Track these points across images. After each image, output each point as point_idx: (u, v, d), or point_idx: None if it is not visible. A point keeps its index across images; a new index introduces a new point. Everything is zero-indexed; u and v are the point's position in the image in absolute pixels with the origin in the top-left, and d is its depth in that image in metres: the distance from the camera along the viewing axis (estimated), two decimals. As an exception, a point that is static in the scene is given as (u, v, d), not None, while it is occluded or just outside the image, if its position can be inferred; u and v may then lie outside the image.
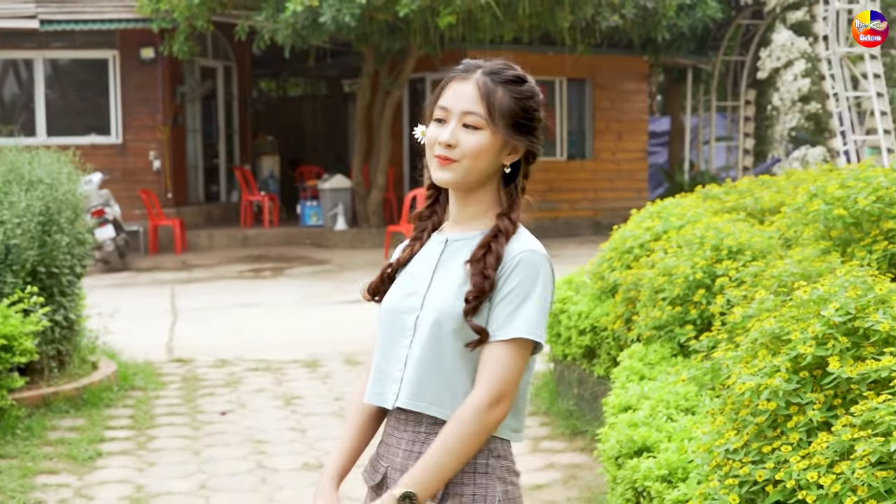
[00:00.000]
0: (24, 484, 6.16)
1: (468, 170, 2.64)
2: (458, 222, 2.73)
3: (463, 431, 2.54)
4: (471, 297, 2.58)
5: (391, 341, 2.70)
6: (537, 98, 2.74)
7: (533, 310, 2.58)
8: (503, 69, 2.73)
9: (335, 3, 15.30)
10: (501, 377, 2.55)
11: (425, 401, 2.62)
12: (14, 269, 7.65)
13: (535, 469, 6.42)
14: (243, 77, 21.87)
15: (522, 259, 2.62)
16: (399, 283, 2.75)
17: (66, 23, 17.76)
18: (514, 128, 2.66)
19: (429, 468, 2.54)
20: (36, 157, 8.47)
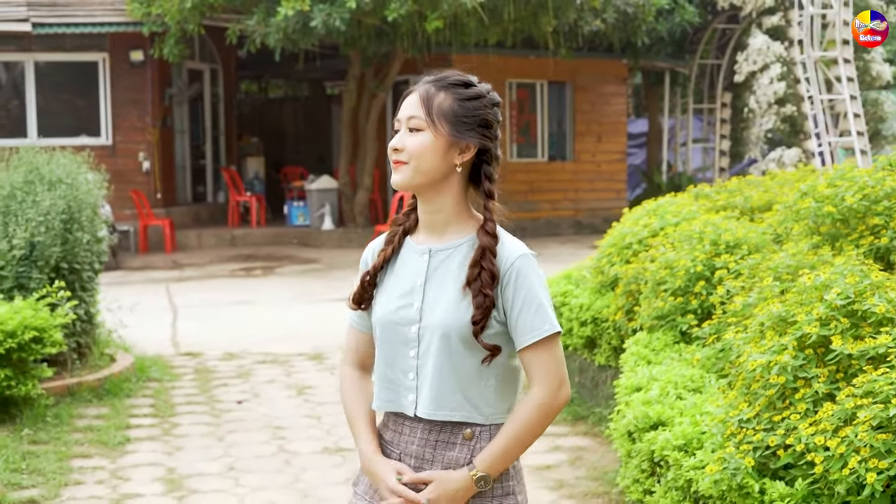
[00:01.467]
0: (62, 466, 6.52)
1: (415, 170, 2.76)
2: (431, 229, 2.85)
3: (534, 424, 2.75)
4: (477, 317, 2.73)
5: (394, 352, 2.84)
6: (483, 99, 2.82)
7: (549, 307, 2.79)
8: (447, 76, 2.84)
9: (325, 7, 15.68)
10: (554, 369, 2.76)
11: (446, 409, 2.78)
12: (39, 266, 8.00)
13: (542, 451, 6.83)
14: (229, 79, 22.20)
15: (521, 267, 2.78)
16: (387, 295, 2.86)
17: (58, 26, 18.06)
18: (456, 126, 2.77)
19: (499, 455, 2.75)
20: (54, 158, 8.81)
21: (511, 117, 20.90)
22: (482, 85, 2.85)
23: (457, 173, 2.80)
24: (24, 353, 7.21)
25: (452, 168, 2.79)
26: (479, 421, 2.78)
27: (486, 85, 2.86)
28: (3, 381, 7.13)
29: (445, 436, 2.80)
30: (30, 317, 7.24)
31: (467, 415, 2.78)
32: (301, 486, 6.25)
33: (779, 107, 21.57)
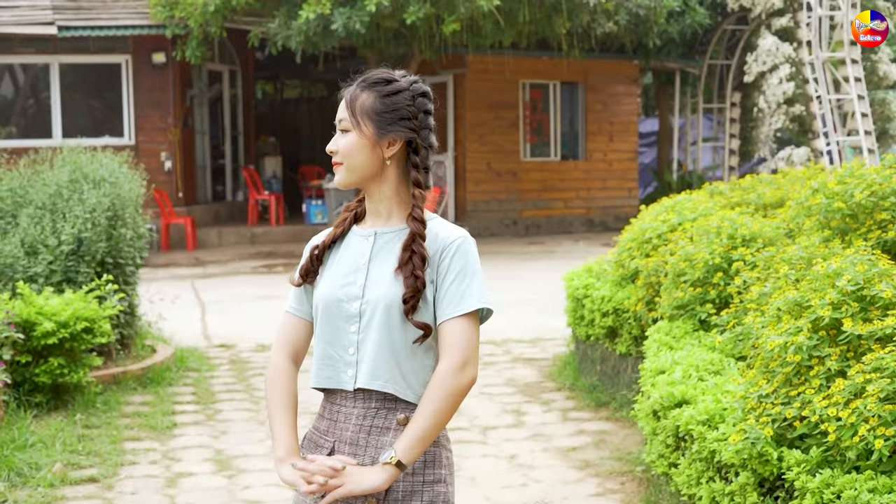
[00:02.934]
0: (116, 448, 6.93)
1: (349, 168, 2.91)
2: (376, 217, 2.97)
3: (439, 396, 2.80)
4: (407, 296, 2.83)
5: (335, 328, 2.92)
6: (404, 93, 2.92)
7: (479, 284, 2.87)
8: (371, 75, 2.97)
9: (346, 11, 16.09)
10: (464, 345, 2.82)
11: (381, 379, 2.85)
12: (86, 260, 8.42)
13: (567, 434, 7.24)
14: (247, 80, 22.62)
15: (460, 246, 2.88)
16: (332, 275, 2.97)
17: (83, 29, 18.47)
18: (378, 123, 2.89)
19: (414, 436, 2.79)
20: (96, 158, 9.22)
21: (524, 117, 21.29)
22: (405, 79, 2.96)
23: (389, 166, 2.92)
24: (75, 343, 7.63)
25: (383, 162, 2.91)
26: (412, 399, 2.85)
27: (410, 78, 2.97)
28: (57, 370, 7.54)
29: (380, 420, 2.87)
30: (81, 308, 7.65)
31: (400, 389, 2.86)
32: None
33: (787, 106, 21.94)
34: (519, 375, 8.98)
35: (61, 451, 6.74)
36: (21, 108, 20.45)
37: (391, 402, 2.87)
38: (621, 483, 6.27)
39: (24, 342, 7.43)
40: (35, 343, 7.49)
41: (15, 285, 8.04)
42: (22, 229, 8.46)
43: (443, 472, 2.90)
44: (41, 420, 7.36)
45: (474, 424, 7.57)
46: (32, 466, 6.43)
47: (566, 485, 6.29)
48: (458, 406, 2.85)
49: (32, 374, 7.55)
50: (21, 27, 18.36)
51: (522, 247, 18.91)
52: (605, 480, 6.33)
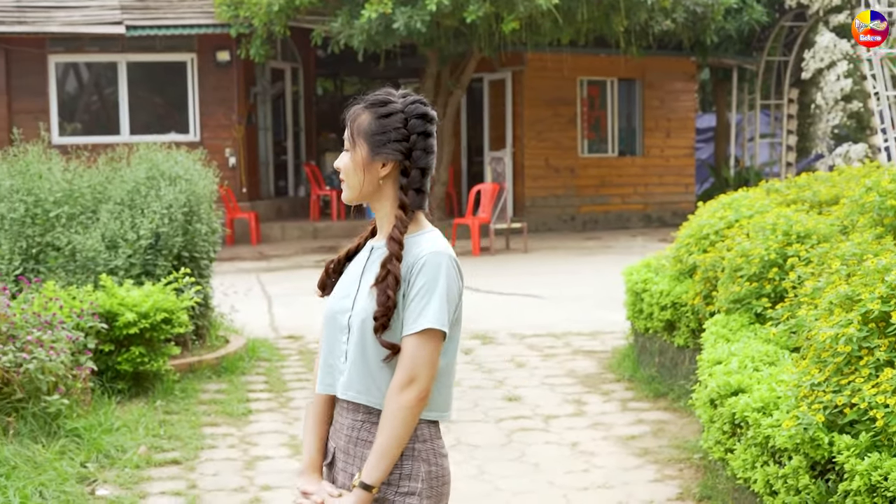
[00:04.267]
0: (195, 433, 7.29)
1: (350, 186, 3.01)
2: (380, 231, 3.07)
3: (388, 414, 2.88)
4: (378, 315, 2.90)
5: (333, 338, 3.04)
6: (398, 115, 2.98)
7: (437, 304, 2.89)
8: (373, 95, 3.02)
9: (407, 10, 16.40)
10: (412, 363, 2.87)
11: (353, 390, 2.97)
12: (163, 254, 8.80)
13: (626, 424, 7.51)
14: (308, 78, 23.01)
15: (427, 261, 2.92)
16: (338, 286, 3.09)
17: (150, 28, 18.93)
18: (372, 144, 2.97)
19: (374, 455, 2.90)
20: (172, 156, 9.60)
21: (582, 113, 21.51)
22: (403, 100, 3.00)
23: (384, 185, 3.00)
24: (155, 333, 8.01)
25: (378, 182, 2.99)
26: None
27: (409, 99, 3.01)
28: (138, 358, 7.92)
29: (364, 433, 2.99)
30: (160, 300, 8.02)
31: (374, 401, 2.95)
32: (411, 452, 6.96)
33: (845, 103, 22.01)
34: (579, 367, 9.25)
35: (144, 435, 7.11)
36: (85, 104, 20.95)
37: (375, 415, 2.96)
38: (679, 470, 6.53)
39: (107, 332, 7.82)
40: (117, 333, 7.87)
41: (98, 277, 8.43)
42: (102, 224, 8.84)
43: (418, 486, 2.94)
44: (124, 406, 7.74)
45: (537, 413, 7.85)
46: (118, 449, 6.80)
47: (626, 471, 6.56)
48: (411, 421, 2.88)
49: (115, 362, 7.94)
50: (90, 27, 18.86)
51: (580, 242, 19.14)
52: (664, 467, 6.59)
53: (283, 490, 6.25)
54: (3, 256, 8.54)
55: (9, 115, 19.20)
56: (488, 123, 21.94)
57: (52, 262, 8.61)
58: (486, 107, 22.00)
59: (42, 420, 6.75)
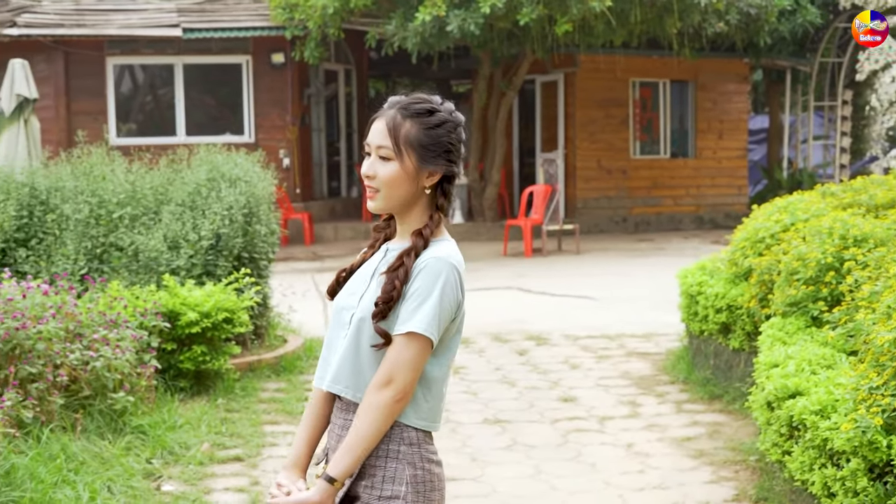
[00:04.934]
0: (256, 431, 7.43)
1: (388, 197, 2.96)
2: (400, 235, 3.05)
3: (361, 410, 2.88)
4: (379, 301, 2.89)
5: (334, 334, 3.04)
6: (448, 125, 2.98)
7: (428, 310, 2.87)
8: (412, 103, 2.96)
9: (461, 12, 16.49)
10: (392, 364, 2.86)
11: (341, 384, 2.97)
12: (224, 255, 8.95)
13: (681, 426, 7.56)
14: (361, 79, 23.17)
15: (427, 266, 2.90)
16: (348, 284, 3.09)
17: (207, 31, 19.16)
18: (422, 155, 2.94)
19: (341, 451, 2.89)
20: (231, 158, 9.75)
21: (634, 115, 21.51)
22: (445, 106, 3.00)
23: (425, 194, 2.99)
24: (216, 332, 8.16)
25: (421, 190, 2.98)
26: None
27: (448, 105, 3.01)
28: (200, 357, 8.08)
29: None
30: (221, 300, 8.17)
31: (360, 395, 2.94)
32: (469, 451, 7.07)
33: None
34: (633, 368, 9.31)
35: (207, 433, 7.26)
36: (139, 105, 21.22)
37: None
38: (735, 471, 6.58)
39: (169, 331, 7.98)
40: (179, 332, 8.03)
41: (160, 277, 8.60)
42: (164, 225, 9.01)
43: (402, 490, 2.91)
44: (186, 404, 7.89)
45: (592, 414, 7.92)
46: (182, 446, 6.95)
47: (682, 472, 6.62)
48: (383, 421, 2.87)
49: (177, 360, 8.10)
50: (148, 29, 19.13)
51: (632, 244, 19.16)
52: (720, 469, 6.65)
53: (344, 487, 6.36)
54: (69, 256, 8.72)
55: (68, 116, 19.51)
56: (540, 125, 21.99)
57: (116, 262, 8.79)
58: (537, 108, 22.05)
59: (108, 417, 6.92)
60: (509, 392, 8.60)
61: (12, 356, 6.55)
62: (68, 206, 9.05)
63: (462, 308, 3.00)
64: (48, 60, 19.38)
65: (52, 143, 17.08)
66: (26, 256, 8.85)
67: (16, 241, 9.02)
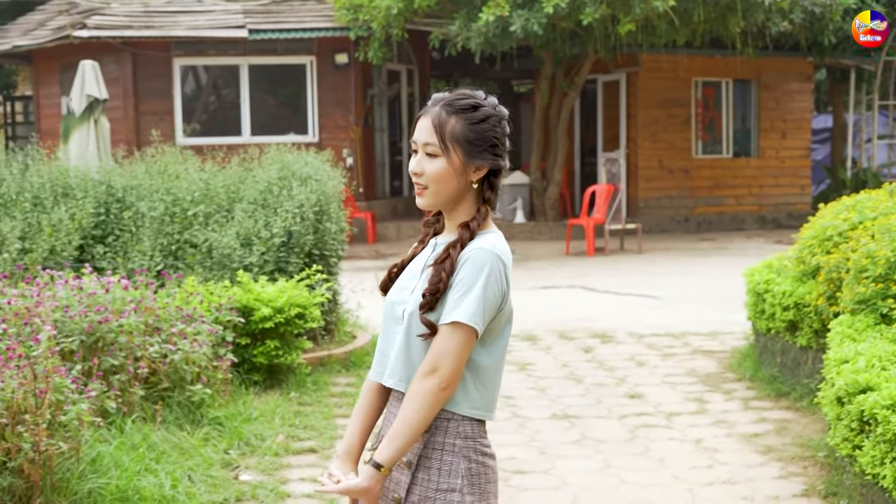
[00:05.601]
0: (328, 424, 7.58)
1: (436, 193, 2.99)
2: (448, 230, 3.09)
3: (408, 398, 2.92)
4: (427, 293, 2.93)
5: (389, 328, 3.09)
6: (492, 119, 3.01)
7: (472, 300, 2.90)
8: (457, 99, 3.01)
9: (524, 13, 16.59)
10: (437, 353, 2.90)
11: (395, 377, 3.02)
12: (295, 252, 9.12)
13: (748, 422, 7.62)
14: (423, 79, 23.32)
15: (470, 256, 2.93)
16: (399, 279, 3.15)
17: (272, 32, 19.41)
18: (469, 151, 2.97)
19: (388, 438, 2.93)
20: (301, 157, 9.93)
21: (696, 114, 21.48)
22: (489, 101, 3.03)
23: (472, 189, 3.03)
24: (288, 328, 8.32)
25: (469, 185, 3.02)
26: None
27: (491, 100, 3.04)
28: (273, 351, 8.25)
29: None
30: (294, 296, 8.33)
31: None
32: (538, 445, 7.17)
33: (967, 104, 21.65)
34: (699, 366, 9.36)
35: (281, 425, 7.42)
36: (203, 105, 21.50)
37: None
38: (804, 467, 6.63)
39: (243, 326, 8.15)
40: (253, 327, 8.20)
41: (234, 274, 8.78)
42: (237, 222, 9.19)
43: (458, 483, 2.95)
44: (260, 397, 8.07)
45: (659, 410, 8.00)
46: (258, 437, 7.11)
47: (750, 468, 6.68)
48: (428, 409, 2.90)
49: (251, 355, 8.27)
50: (215, 31, 19.41)
51: (694, 243, 19.14)
52: (788, 464, 6.70)
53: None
54: (145, 253, 8.93)
55: (136, 117, 19.86)
56: (602, 124, 22.02)
57: (191, 259, 8.98)
58: (599, 108, 22.08)
59: (186, 409, 7.10)
60: (576, 388, 8.69)
61: (95, 348, 6.76)
62: (144, 204, 9.26)
63: (509, 297, 3.01)
64: (117, 62, 19.74)
65: (121, 143, 17.41)
66: (104, 253, 9.08)
67: (93, 238, 9.26)
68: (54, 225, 9.00)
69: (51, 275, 7.58)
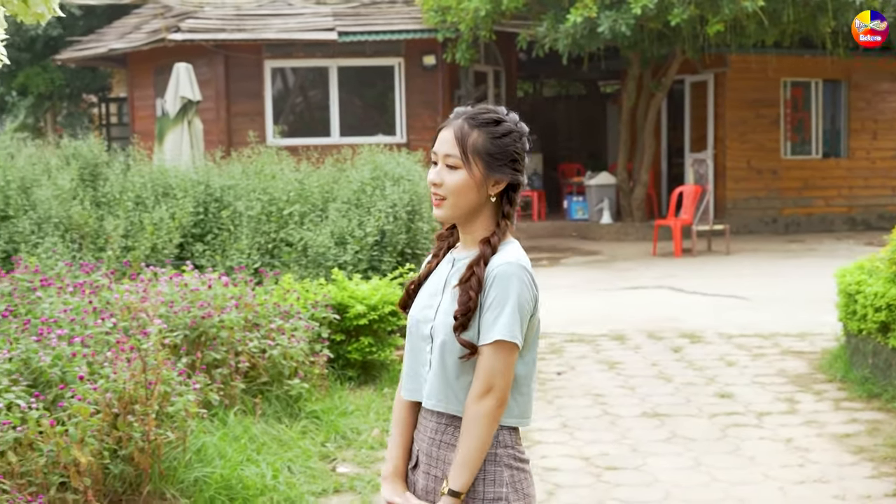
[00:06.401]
0: (422, 419, 7.74)
1: (454, 205, 3.00)
2: (464, 244, 3.09)
3: (467, 422, 2.95)
4: (458, 314, 2.95)
5: (417, 347, 3.11)
6: (514, 134, 3.03)
7: (507, 316, 2.92)
8: (480, 113, 3.03)
9: (612, 14, 16.62)
10: (487, 373, 2.92)
11: (434, 398, 3.04)
12: (388, 250, 9.30)
13: (839, 422, 7.63)
14: (510, 80, 23.44)
15: (498, 273, 2.94)
16: (420, 296, 3.15)
17: (361, 34, 19.66)
18: (489, 164, 2.99)
19: (457, 463, 2.96)
20: (393, 157, 10.11)
21: (785, 115, 21.33)
22: (510, 116, 3.05)
23: (490, 202, 3.05)
24: (382, 325, 8.50)
25: (487, 198, 3.03)
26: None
27: (513, 116, 3.06)
28: (366, 348, 8.43)
29: (448, 437, 3.05)
30: (387, 293, 8.51)
31: (453, 408, 3.02)
32: (629, 443, 7.26)
33: None
34: (789, 367, 9.37)
35: (375, 419, 7.59)
36: (290, 106, 21.81)
37: (458, 420, 3.02)
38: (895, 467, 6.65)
39: (338, 322, 8.34)
40: (347, 323, 8.39)
41: (328, 272, 8.98)
42: (331, 222, 9.40)
43: (504, 491, 2.99)
44: (355, 392, 8.25)
45: (749, 410, 8.03)
46: (354, 431, 7.29)
47: (841, 467, 6.71)
48: (491, 428, 2.95)
49: (345, 351, 8.46)
50: (305, 33, 19.70)
51: (783, 245, 19.02)
52: (880, 465, 6.71)
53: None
54: (243, 251, 9.17)
55: (227, 118, 20.23)
56: (689, 125, 21.94)
57: (286, 257, 9.20)
58: (687, 108, 22.01)
59: (284, 402, 7.31)
60: (665, 387, 8.75)
61: (198, 343, 6.98)
62: (241, 204, 9.50)
63: (538, 305, 3.04)
64: (209, 64, 20.13)
65: (213, 144, 17.78)
66: (203, 251, 9.33)
67: (193, 236, 9.52)
68: (156, 224, 9.27)
69: (154, 272, 7.83)
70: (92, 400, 5.42)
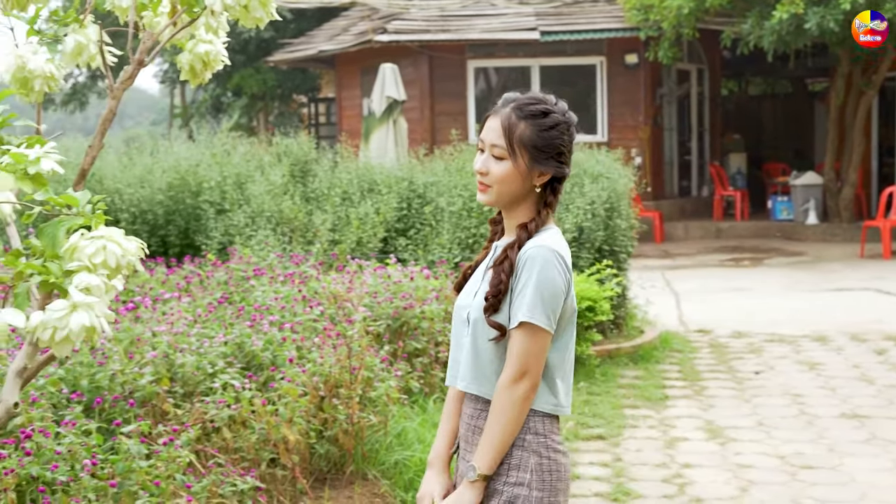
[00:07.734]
0: (616, 414, 7.83)
1: (499, 193, 3.01)
2: (507, 230, 3.11)
3: (498, 406, 2.94)
4: (489, 296, 2.97)
5: (458, 332, 3.14)
6: (561, 126, 3.03)
7: (530, 298, 2.92)
8: (528, 104, 3.03)
9: (820, 10, 16.28)
10: (519, 356, 2.92)
11: (465, 380, 3.05)
12: (586, 247, 9.41)
13: None
14: (714, 79, 23.17)
15: (529, 256, 2.95)
16: (467, 285, 3.20)
17: (563, 33, 19.76)
18: (535, 156, 2.99)
19: (484, 446, 2.97)
20: (593, 155, 10.20)
21: None
22: (559, 107, 3.05)
23: (535, 192, 3.05)
24: (580, 320, 8.60)
25: (532, 188, 3.04)
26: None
27: (561, 105, 3.06)
28: (563, 342, 8.54)
29: (481, 422, 3.05)
30: (585, 289, 8.62)
31: (483, 390, 3.03)
32: (826, 443, 7.18)
33: None
34: None
35: (571, 412, 7.70)
36: (492, 105, 22.02)
37: (489, 404, 3.02)
38: None
39: (536, 317, 8.48)
40: (545, 318, 8.52)
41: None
42: (530, 218, 9.54)
43: (527, 477, 2.97)
44: (551, 385, 8.37)
45: (955, 414, 7.83)
46: (548, 423, 7.42)
47: None
48: (520, 413, 2.94)
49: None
50: (507, 33, 19.94)
51: None
52: None
53: (704, 469, 6.66)
54: (444, 245, 9.41)
55: (431, 117, 20.64)
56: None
57: (486, 252, 9.40)
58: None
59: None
60: (867, 389, 8.60)
61: (400, 332, 7.24)
62: (443, 199, 9.75)
63: (571, 291, 3.03)
64: (414, 64, 20.57)
65: (417, 142, 18.17)
66: (405, 245, 9.62)
67: (396, 231, 9.82)
68: (361, 218, 9.60)
69: (359, 264, 8.15)
70: (300, 382, 5.72)
